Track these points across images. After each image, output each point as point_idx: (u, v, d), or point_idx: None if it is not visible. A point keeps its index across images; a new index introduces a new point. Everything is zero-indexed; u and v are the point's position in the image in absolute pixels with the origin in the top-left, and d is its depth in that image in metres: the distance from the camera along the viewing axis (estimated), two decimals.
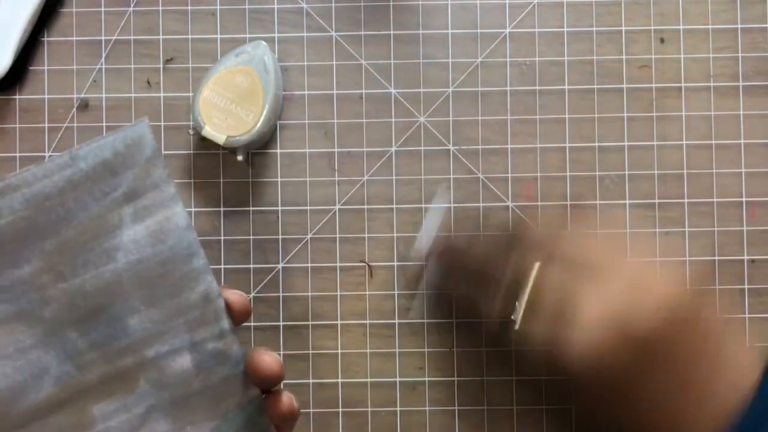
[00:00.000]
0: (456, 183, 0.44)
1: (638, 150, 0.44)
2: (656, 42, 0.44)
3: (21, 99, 0.44)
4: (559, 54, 0.44)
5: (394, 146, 0.44)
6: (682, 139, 0.44)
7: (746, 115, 0.44)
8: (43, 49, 0.44)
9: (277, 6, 0.44)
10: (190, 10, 0.44)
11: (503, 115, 0.44)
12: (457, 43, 0.44)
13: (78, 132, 0.44)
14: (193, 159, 0.44)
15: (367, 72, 0.44)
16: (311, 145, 0.44)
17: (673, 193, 0.44)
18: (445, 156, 0.44)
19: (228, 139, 0.41)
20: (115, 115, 0.44)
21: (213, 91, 0.41)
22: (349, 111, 0.44)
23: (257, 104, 0.41)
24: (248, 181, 0.44)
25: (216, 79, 0.41)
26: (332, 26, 0.44)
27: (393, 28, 0.44)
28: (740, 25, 0.44)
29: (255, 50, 0.42)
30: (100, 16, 0.44)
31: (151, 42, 0.44)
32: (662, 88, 0.44)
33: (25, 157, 0.44)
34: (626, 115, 0.44)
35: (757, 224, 0.43)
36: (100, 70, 0.44)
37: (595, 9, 0.44)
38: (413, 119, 0.44)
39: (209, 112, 0.41)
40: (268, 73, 0.41)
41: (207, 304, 0.29)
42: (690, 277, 0.41)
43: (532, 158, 0.44)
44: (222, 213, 0.44)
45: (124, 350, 0.28)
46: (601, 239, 0.35)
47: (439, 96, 0.44)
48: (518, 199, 0.44)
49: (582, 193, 0.44)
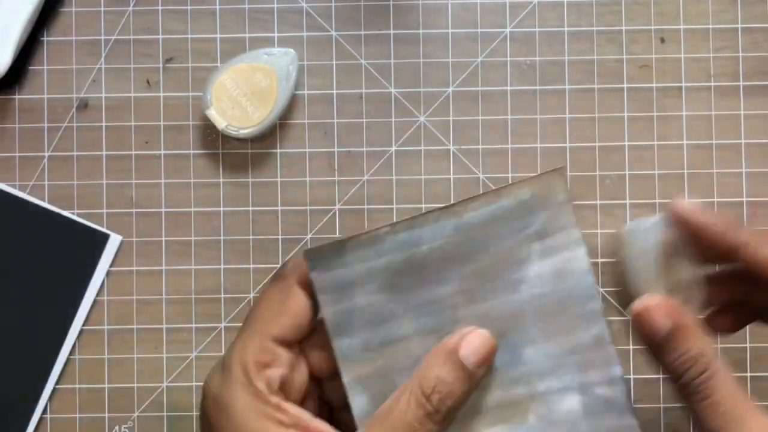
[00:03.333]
0: (456, 183, 0.44)
1: (638, 150, 0.44)
2: (656, 42, 0.44)
3: (21, 99, 0.44)
4: (559, 54, 0.44)
5: (394, 146, 0.44)
6: (682, 139, 0.44)
7: (746, 115, 0.44)
8: (43, 49, 0.44)
9: (277, 6, 0.44)
10: (190, 10, 0.44)
11: (503, 115, 0.44)
12: (457, 43, 0.44)
13: (78, 132, 0.44)
14: (193, 159, 0.44)
15: (367, 72, 0.44)
16: (311, 145, 0.44)
17: (673, 193, 0.44)
18: (445, 156, 0.44)
19: (227, 127, 0.41)
20: (114, 115, 0.44)
21: (231, 79, 0.42)
22: (349, 111, 0.44)
23: (267, 106, 0.41)
24: (248, 181, 0.44)
25: (238, 69, 0.42)
26: (332, 26, 0.44)
27: (393, 27, 0.44)
28: (740, 25, 0.44)
29: (283, 56, 0.42)
30: (100, 16, 0.44)
31: (150, 42, 0.44)
32: (662, 88, 0.44)
33: (25, 157, 0.44)
34: (626, 115, 0.44)
35: (757, 224, 0.43)
36: (99, 70, 0.44)
37: (595, 9, 0.44)
38: (413, 119, 0.44)
39: (220, 96, 0.41)
40: (287, 81, 0.42)
41: (599, 348, 0.29)
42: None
43: (532, 158, 0.44)
44: (222, 213, 0.44)
45: (518, 379, 0.30)
46: None
47: (439, 96, 0.44)
48: None
49: (582, 193, 0.44)
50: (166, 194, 0.44)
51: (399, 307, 0.30)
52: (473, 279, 0.30)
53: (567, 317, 0.30)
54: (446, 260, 0.30)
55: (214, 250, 0.44)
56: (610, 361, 0.29)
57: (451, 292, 0.30)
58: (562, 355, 0.29)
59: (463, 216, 0.30)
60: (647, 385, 0.43)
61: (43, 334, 0.43)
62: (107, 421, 0.43)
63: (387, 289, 0.30)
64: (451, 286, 0.30)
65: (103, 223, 0.44)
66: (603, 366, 0.29)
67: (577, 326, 0.30)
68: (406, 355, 0.30)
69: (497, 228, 0.30)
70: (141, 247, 0.44)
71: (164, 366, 0.43)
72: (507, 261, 0.30)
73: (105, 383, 0.43)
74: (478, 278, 0.30)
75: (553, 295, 0.30)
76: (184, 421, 0.43)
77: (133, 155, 0.44)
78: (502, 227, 0.30)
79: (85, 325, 0.43)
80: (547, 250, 0.30)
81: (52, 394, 0.43)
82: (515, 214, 0.30)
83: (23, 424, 0.42)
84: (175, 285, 0.44)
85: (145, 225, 0.44)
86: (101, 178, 0.44)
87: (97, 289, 0.43)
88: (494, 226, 0.30)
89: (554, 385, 0.29)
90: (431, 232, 0.30)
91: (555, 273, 0.30)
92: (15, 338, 0.43)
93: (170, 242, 0.44)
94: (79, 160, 0.44)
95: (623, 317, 0.30)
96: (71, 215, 0.43)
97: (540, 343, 0.30)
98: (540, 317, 0.30)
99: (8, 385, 0.43)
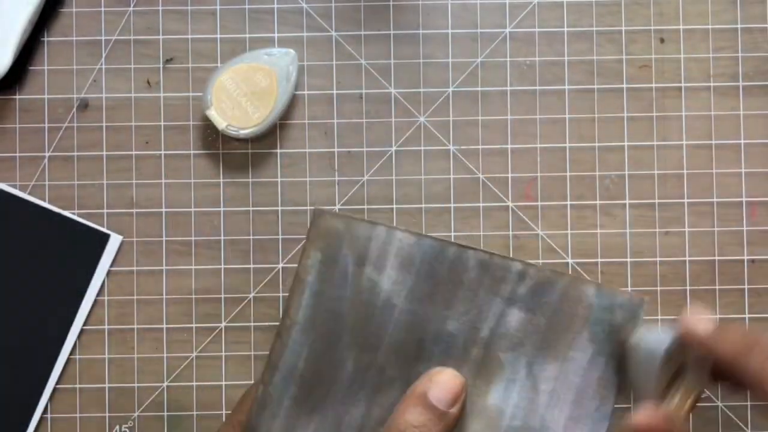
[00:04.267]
0: (456, 183, 0.44)
1: (638, 150, 0.44)
2: (656, 42, 0.44)
3: (21, 99, 0.44)
4: (559, 54, 0.44)
5: (394, 146, 0.44)
6: (682, 139, 0.44)
7: (746, 115, 0.44)
8: (43, 49, 0.44)
9: (277, 6, 0.44)
10: (190, 10, 0.44)
11: (503, 115, 0.44)
12: (457, 43, 0.44)
13: (78, 132, 0.44)
14: (193, 159, 0.44)
15: (367, 72, 0.44)
16: (311, 145, 0.44)
17: (673, 193, 0.44)
18: (445, 156, 0.44)
19: (227, 127, 0.41)
20: (115, 115, 0.44)
21: (231, 79, 0.42)
22: (349, 111, 0.44)
23: (267, 106, 0.41)
24: (248, 181, 0.44)
25: (238, 69, 0.42)
26: (332, 26, 0.44)
27: (393, 28, 0.44)
28: (740, 25, 0.44)
29: (283, 56, 0.42)
30: (100, 16, 0.44)
31: (151, 42, 0.44)
32: (662, 88, 0.44)
33: (25, 157, 0.44)
34: (626, 115, 0.44)
35: (757, 224, 0.43)
36: (100, 70, 0.44)
37: (595, 9, 0.44)
38: (413, 119, 0.44)
39: (220, 96, 0.41)
40: (288, 81, 0.42)
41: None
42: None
43: (532, 158, 0.44)
44: (222, 213, 0.44)
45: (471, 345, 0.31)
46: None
47: (439, 96, 0.44)
48: (518, 199, 0.44)
49: (582, 193, 0.44)
50: (167, 194, 0.44)
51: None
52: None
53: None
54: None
55: (214, 250, 0.44)
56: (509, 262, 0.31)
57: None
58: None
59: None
60: None
61: (44, 333, 0.43)
62: (107, 421, 0.43)
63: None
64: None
65: (103, 223, 0.44)
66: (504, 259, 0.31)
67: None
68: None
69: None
70: (141, 247, 0.44)
71: (164, 366, 0.43)
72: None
73: (105, 383, 0.43)
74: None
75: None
76: (184, 421, 0.43)
77: (133, 155, 0.44)
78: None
79: (86, 325, 0.43)
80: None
81: (53, 394, 0.43)
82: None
83: (23, 424, 0.42)
84: (175, 285, 0.44)
85: (145, 225, 0.44)
86: (101, 178, 0.44)
87: (97, 289, 0.43)
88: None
89: (491, 324, 0.31)
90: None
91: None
92: (15, 338, 0.43)
93: (170, 242, 0.44)
94: (80, 160, 0.44)
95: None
96: (71, 215, 0.44)
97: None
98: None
99: (8, 385, 0.43)
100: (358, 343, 0.31)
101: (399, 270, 0.31)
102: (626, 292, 0.32)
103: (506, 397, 0.30)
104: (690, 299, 0.43)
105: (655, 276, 0.43)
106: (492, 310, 0.31)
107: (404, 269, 0.31)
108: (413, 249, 0.31)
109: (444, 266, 0.31)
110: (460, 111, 0.44)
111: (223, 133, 0.42)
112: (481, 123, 0.44)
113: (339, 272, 0.31)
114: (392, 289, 0.31)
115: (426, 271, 0.31)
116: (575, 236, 0.43)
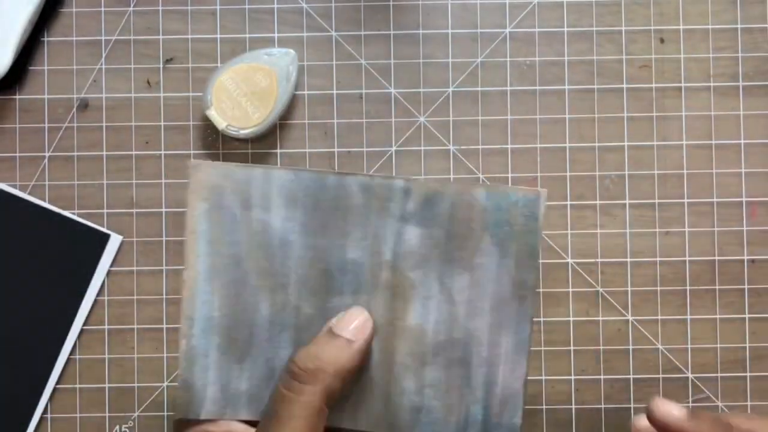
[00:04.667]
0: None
1: (638, 150, 0.44)
2: (656, 42, 0.44)
3: (21, 99, 0.44)
4: (559, 54, 0.44)
5: (394, 146, 0.44)
6: (682, 139, 0.44)
7: (746, 115, 0.44)
8: (43, 49, 0.44)
9: (277, 6, 0.44)
10: (190, 10, 0.44)
11: (503, 115, 0.44)
12: (457, 43, 0.44)
13: (78, 132, 0.44)
14: (193, 159, 0.44)
15: (367, 72, 0.44)
16: (311, 145, 0.44)
17: (673, 193, 0.44)
18: (445, 156, 0.44)
19: (227, 127, 0.42)
20: (115, 115, 0.44)
21: (231, 79, 0.42)
22: (349, 111, 0.44)
23: (267, 106, 0.41)
24: None
25: (238, 69, 0.42)
26: (332, 26, 0.44)
27: (393, 28, 0.44)
28: (740, 25, 0.44)
29: (283, 56, 0.42)
30: (100, 16, 0.44)
31: (151, 42, 0.44)
32: (662, 88, 0.44)
33: (25, 157, 0.44)
34: (626, 115, 0.44)
35: (757, 224, 0.43)
36: (100, 70, 0.44)
37: (595, 9, 0.44)
38: (413, 119, 0.44)
39: (220, 96, 0.41)
40: (288, 81, 0.42)
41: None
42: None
43: (532, 158, 0.44)
44: None
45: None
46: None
47: (439, 96, 0.44)
48: None
49: (582, 193, 0.44)
50: (166, 194, 0.44)
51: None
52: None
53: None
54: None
55: None
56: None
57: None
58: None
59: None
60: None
61: (44, 333, 0.43)
62: (107, 421, 0.43)
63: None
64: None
65: (103, 223, 0.44)
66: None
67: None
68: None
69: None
70: (141, 247, 0.44)
71: (164, 366, 0.43)
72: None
73: (105, 383, 0.43)
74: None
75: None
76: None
77: (133, 155, 0.44)
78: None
79: (86, 324, 0.43)
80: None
81: (53, 393, 0.43)
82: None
83: (23, 424, 0.42)
84: (175, 285, 0.44)
85: (145, 225, 0.44)
86: (102, 178, 0.44)
87: (97, 289, 0.43)
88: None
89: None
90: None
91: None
92: (15, 338, 0.43)
93: (170, 242, 0.44)
94: (80, 160, 0.44)
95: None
96: (71, 215, 0.44)
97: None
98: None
99: (8, 385, 0.43)
100: (266, 284, 0.31)
101: (286, 207, 0.31)
102: (520, 188, 0.32)
103: (425, 314, 0.31)
104: (690, 298, 0.43)
105: (655, 276, 0.43)
106: (388, 231, 0.31)
107: (290, 205, 0.31)
108: (294, 184, 0.31)
109: (328, 196, 0.31)
110: (460, 111, 0.44)
111: (223, 133, 0.42)
112: (481, 123, 0.44)
113: (228, 218, 0.31)
114: (284, 226, 0.31)
115: (312, 204, 0.31)
116: (575, 236, 0.43)
